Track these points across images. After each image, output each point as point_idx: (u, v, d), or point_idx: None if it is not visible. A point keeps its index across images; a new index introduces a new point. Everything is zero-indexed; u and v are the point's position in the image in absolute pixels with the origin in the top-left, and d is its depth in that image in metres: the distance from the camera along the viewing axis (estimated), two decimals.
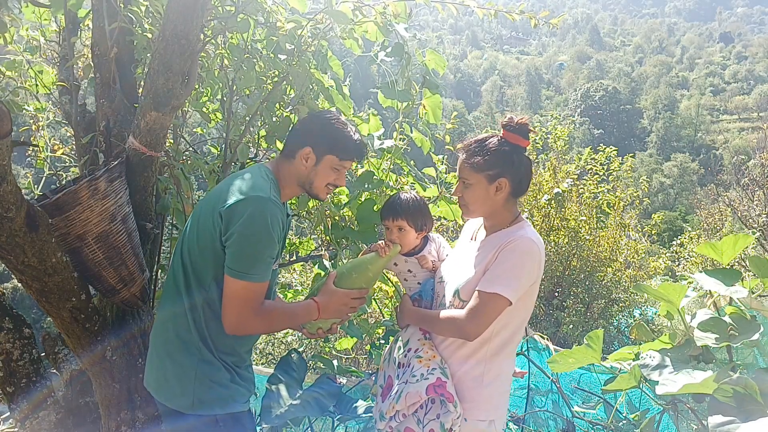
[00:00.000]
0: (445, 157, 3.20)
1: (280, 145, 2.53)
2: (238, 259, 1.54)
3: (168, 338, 1.67)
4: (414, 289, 1.93)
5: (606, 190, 7.73)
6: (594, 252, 7.59)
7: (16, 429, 2.04)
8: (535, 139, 8.25)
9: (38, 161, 2.72)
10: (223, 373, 1.66)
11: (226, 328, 1.59)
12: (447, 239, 2.48)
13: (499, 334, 1.67)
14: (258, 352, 6.62)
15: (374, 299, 3.33)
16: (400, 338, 1.86)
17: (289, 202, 2.88)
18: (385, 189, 2.65)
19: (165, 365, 1.66)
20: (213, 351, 1.65)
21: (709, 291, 1.64)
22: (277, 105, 2.50)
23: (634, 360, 1.78)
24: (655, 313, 7.76)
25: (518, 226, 1.70)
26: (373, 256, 1.79)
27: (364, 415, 2.35)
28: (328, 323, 1.79)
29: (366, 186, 2.55)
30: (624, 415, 2.55)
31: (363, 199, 2.57)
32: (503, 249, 1.64)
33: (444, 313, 1.71)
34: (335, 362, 2.62)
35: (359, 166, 2.84)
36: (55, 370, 2.13)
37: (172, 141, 2.44)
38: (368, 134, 2.66)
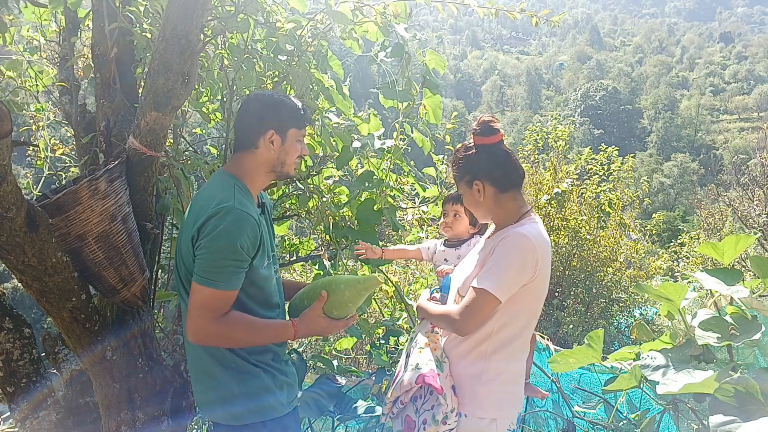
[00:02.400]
0: (445, 157, 3.20)
1: None
2: (203, 266, 1.55)
3: (198, 355, 1.67)
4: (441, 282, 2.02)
5: (608, 189, 7.73)
6: (594, 252, 7.59)
7: (16, 429, 2.04)
8: (536, 139, 8.27)
9: (38, 161, 2.72)
10: (264, 379, 1.66)
11: (188, 335, 1.59)
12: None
13: (499, 333, 1.66)
14: None
15: (374, 299, 3.33)
16: (414, 330, 1.94)
17: (289, 202, 2.89)
18: (385, 189, 2.65)
19: (205, 383, 1.67)
20: (246, 357, 1.65)
21: (710, 291, 1.64)
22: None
23: (634, 360, 1.78)
24: (656, 313, 7.76)
25: (521, 223, 1.69)
26: (353, 290, 1.72)
27: (364, 415, 2.34)
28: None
29: (366, 186, 2.55)
30: (624, 415, 2.55)
31: (363, 199, 2.57)
32: (497, 245, 1.64)
33: (441, 308, 1.76)
34: (335, 362, 2.62)
35: (359, 165, 2.84)
36: (55, 370, 2.13)
37: (172, 141, 2.44)
38: (368, 134, 2.66)
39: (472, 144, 1.74)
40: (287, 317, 1.87)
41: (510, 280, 1.59)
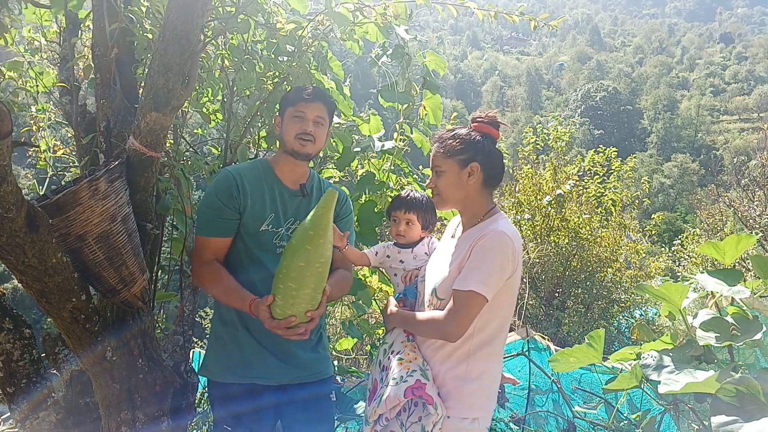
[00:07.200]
0: None
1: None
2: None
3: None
4: (401, 286, 1.96)
5: (612, 188, 7.75)
6: (594, 252, 7.59)
7: (16, 429, 2.03)
8: (536, 140, 8.28)
9: (39, 162, 2.72)
10: (226, 333, 1.99)
11: None
12: None
13: (481, 332, 1.65)
14: None
15: (374, 299, 3.33)
16: (386, 341, 1.86)
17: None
18: (385, 190, 2.65)
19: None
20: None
21: (711, 291, 1.64)
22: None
23: (635, 360, 1.78)
24: (656, 314, 7.76)
25: (492, 219, 1.68)
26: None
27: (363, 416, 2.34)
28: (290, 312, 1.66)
29: (367, 188, 2.55)
30: (625, 415, 2.54)
31: (364, 201, 2.57)
32: (476, 245, 1.62)
33: (425, 315, 1.71)
34: (335, 362, 2.62)
35: (360, 166, 2.84)
36: (55, 371, 2.13)
37: (172, 141, 2.44)
38: (369, 135, 2.66)
39: (476, 130, 1.71)
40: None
41: (495, 278, 1.58)
